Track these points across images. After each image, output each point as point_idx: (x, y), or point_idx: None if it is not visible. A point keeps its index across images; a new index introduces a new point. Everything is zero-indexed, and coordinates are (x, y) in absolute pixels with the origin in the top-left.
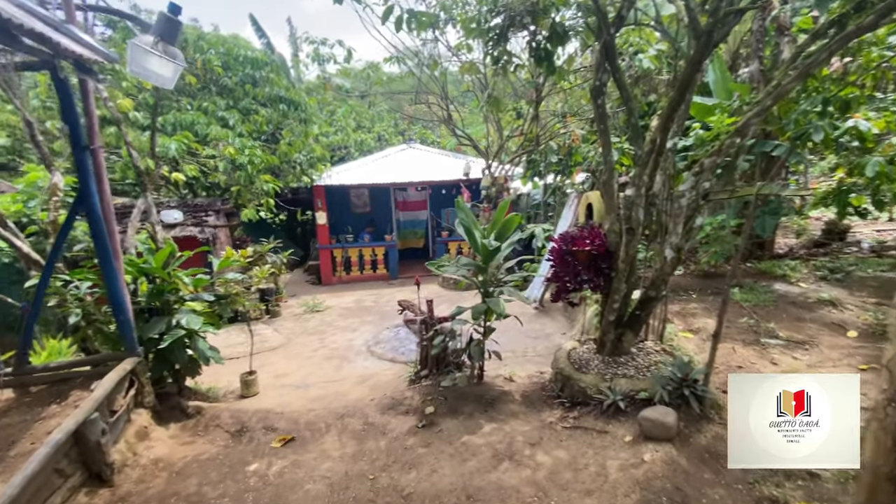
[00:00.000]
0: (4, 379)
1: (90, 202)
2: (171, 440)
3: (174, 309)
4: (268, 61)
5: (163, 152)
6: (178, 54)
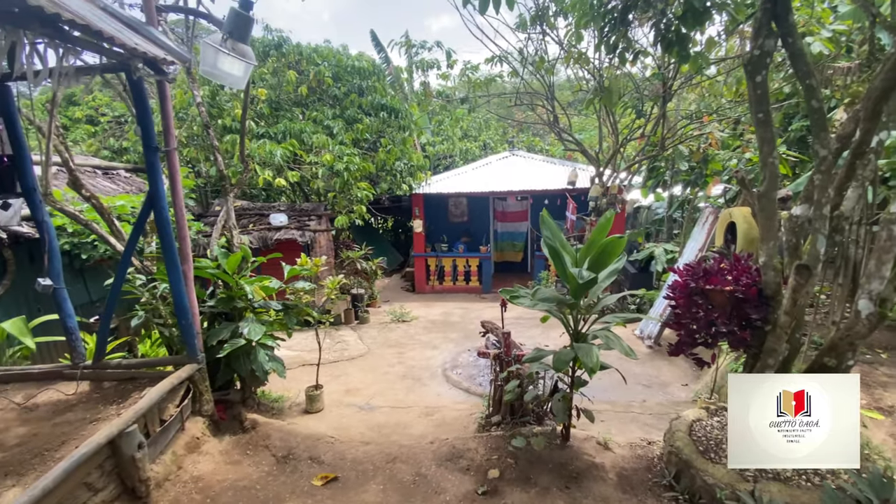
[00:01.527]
0: (83, 371)
1: (159, 204)
2: (220, 456)
3: (243, 316)
4: (374, 71)
5: (269, 159)
6: (248, 52)
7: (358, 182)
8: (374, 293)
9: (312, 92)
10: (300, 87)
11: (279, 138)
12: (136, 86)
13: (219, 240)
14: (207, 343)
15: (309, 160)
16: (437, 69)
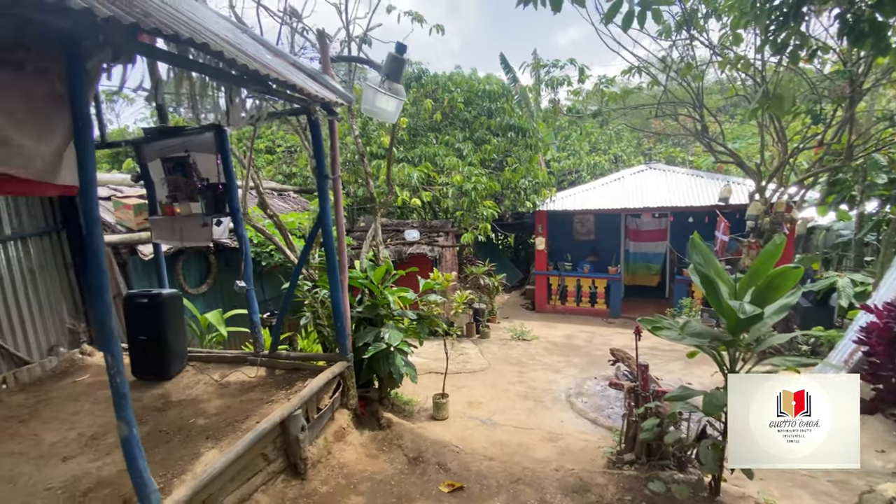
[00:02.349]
0: (262, 359)
1: (325, 222)
2: (361, 448)
3: (384, 322)
4: (503, 93)
5: (407, 181)
6: (400, 90)
7: (484, 200)
8: (494, 309)
9: (445, 117)
10: (435, 113)
11: (416, 162)
12: (314, 125)
13: (367, 253)
14: (354, 344)
15: (440, 181)
16: (567, 85)
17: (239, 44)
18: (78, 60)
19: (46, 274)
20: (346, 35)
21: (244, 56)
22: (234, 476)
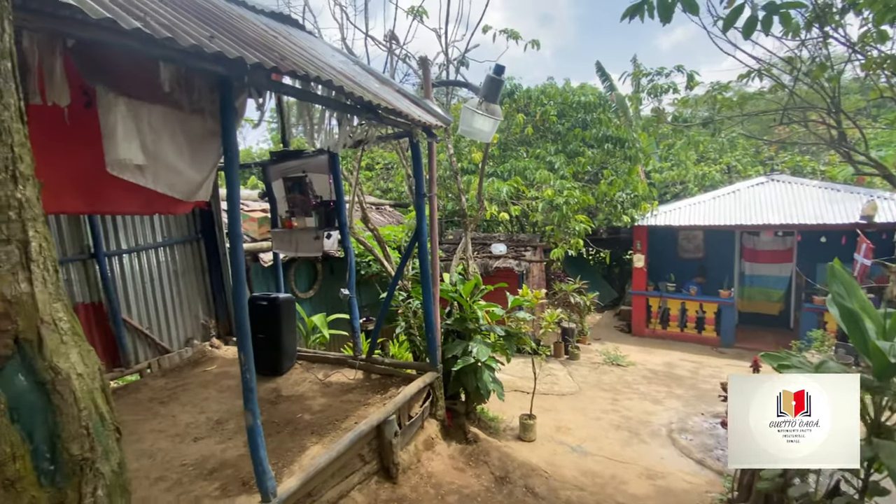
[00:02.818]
0: (360, 362)
1: (422, 238)
2: (448, 460)
3: (472, 336)
4: (599, 103)
5: (495, 195)
6: (497, 110)
7: (576, 215)
8: (584, 329)
9: (537, 130)
10: (526, 127)
11: (505, 176)
12: (415, 147)
13: (456, 266)
14: (444, 356)
15: (530, 194)
16: (673, 92)
17: (352, 75)
18: (228, 99)
19: (187, 276)
20: (445, 58)
21: (359, 88)
22: (335, 472)
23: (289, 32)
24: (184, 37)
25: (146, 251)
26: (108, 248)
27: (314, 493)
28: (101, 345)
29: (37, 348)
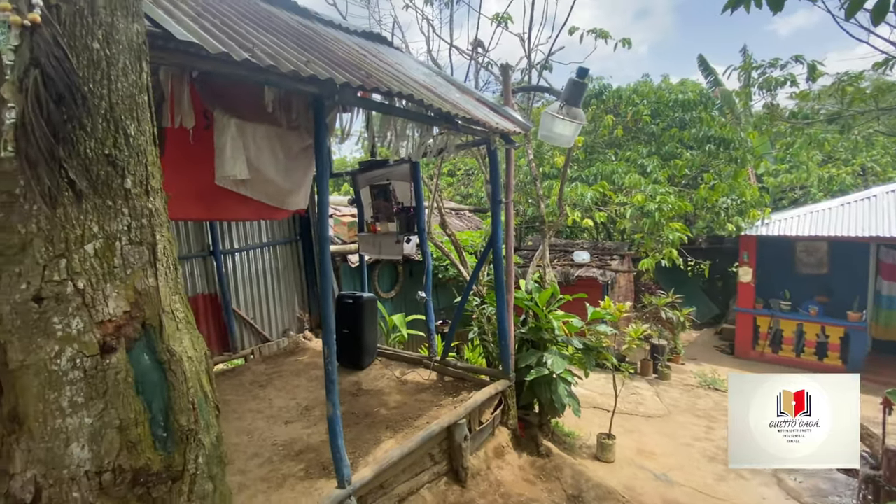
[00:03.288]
0: (434, 364)
1: (497, 245)
2: (519, 471)
3: (547, 347)
4: (700, 100)
5: (580, 201)
6: (579, 114)
7: (670, 222)
8: (678, 347)
9: (627, 132)
10: (615, 129)
11: (590, 181)
12: (492, 154)
13: (533, 274)
14: (517, 364)
15: (617, 200)
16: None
17: (434, 87)
18: (321, 116)
19: (286, 273)
20: (528, 63)
21: (438, 99)
22: (406, 468)
23: (378, 50)
24: (284, 63)
25: (253, 250)
26: (223, 247)
27: (386, 486)
28: (214, 331)
29: (158, 333)
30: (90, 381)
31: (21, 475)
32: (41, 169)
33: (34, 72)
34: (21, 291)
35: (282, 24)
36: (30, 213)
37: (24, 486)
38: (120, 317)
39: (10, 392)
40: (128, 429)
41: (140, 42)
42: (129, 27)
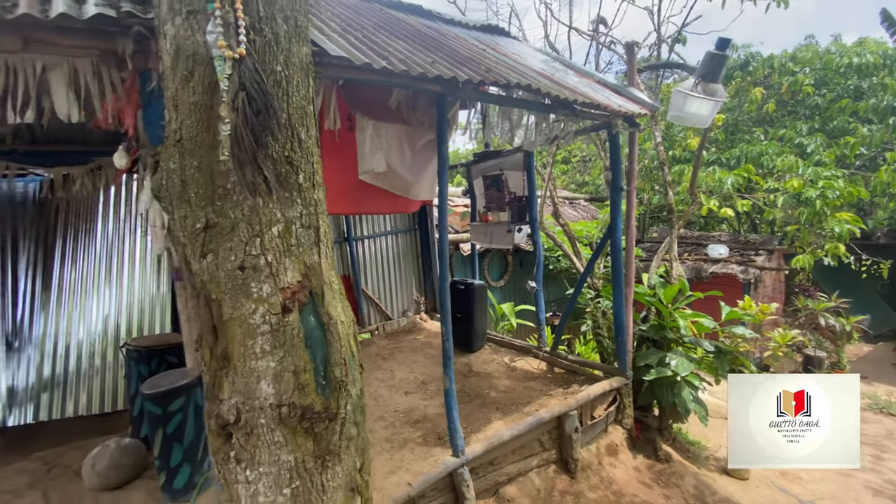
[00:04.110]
0: (544, 354)
1: (615, 235)
2: (633, 472)
3: (671, 347)
4: (881, 64)
5: (717, 187)
6: (717, 90)
7: (836, 212)
8: (840, 361)
9: (781, 106)
10: (766, 103)
11: (731, 164)
12: (613, 138)
13: (657, 268)
14: (635, 363)
15: (766, 186)
16: None
17: (551, 74)
18: (443, 112)
19: (406, 259)
20: (657, 38)
21: (556, 86)
22: (515, 450)
23: (496, 42)
24: (414, 67)
25: (379, 238)
26: (355, 235)
27: (495, 463)
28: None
29: (321, 300)
30: (275, 333)
31: (227, 401)
32: (246, 168)
33: (241, 94)
34: (231, 262)
35: (409, 30)
36: (237, 203)
37: (229, 410)
38: (294, 285)
39: (222, 337)
40: (299, 374)
41: (307, 62)
42: (301, 50)
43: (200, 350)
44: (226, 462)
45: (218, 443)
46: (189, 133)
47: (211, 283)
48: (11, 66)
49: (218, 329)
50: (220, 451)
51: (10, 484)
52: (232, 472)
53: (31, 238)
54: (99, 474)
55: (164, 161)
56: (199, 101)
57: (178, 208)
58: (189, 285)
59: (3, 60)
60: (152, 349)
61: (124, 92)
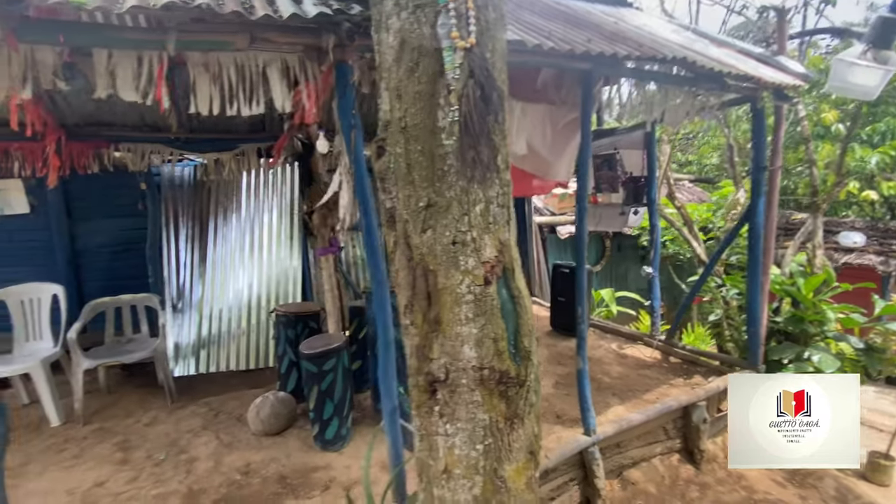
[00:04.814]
0: (657, 343)
1: (755, 219)
2: (766, 470)
3: (810, 341)
4: None
5: (859, 167)
6: (890, 58)
7: None
8: None
9: None
10: None
11: (874, 142)
12: (758, 113)
13: (793, 255)
14: (766, 357)
15: None
16: None
17: (689, 44)
18: (589, 90)
19: None
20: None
21: (702, 57)
22: (640, 435)
23: (621, 14)
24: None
25: None
26: None
27: (622, 446)
28: None
29: (512, 274)
30: (477, 302)
31: (437, 360)
32: (466, 152)
33: (470, 81)
34: (446, 237)
35: (545, 7)
36: (451, 184)
37: (438, 368)
38: (492, 259)
39: (435, 304)
40: (498, 341)
41: (504, 47)
42: (502, 37)
43: (410, 314)
44: (429, 415)
45: (423, 398)
46: (413, 120)
47: (429, 256)
48: (240, 63)
49: (432, 296)
50: (425, 405)
51: (187, 425)
52: (434, 424)
53: (189, 216)
54: (262, 421)
55: (390, 146)
56: (424, 91)
57: (402, 189)
58: (403, 257)
59: (234, 58)
60: (298, 315)
61: (322, 84)
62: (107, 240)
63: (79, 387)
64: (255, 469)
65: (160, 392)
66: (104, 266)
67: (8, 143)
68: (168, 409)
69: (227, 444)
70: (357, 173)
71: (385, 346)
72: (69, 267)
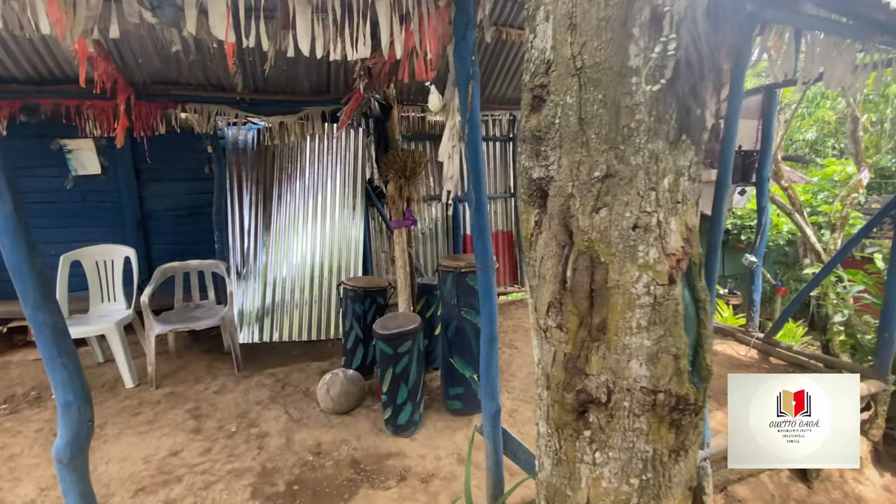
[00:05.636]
0: (755, 341)
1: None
2: (884, 491)
3: None
4: None
5: None
6: None
7: None
8: None
9: None
10: None
11: None
12: None
13: None
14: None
15: None
16: None
17: None
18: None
19: None
20: None
21: None
22: None
23: None
24: None
25: None
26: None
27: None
28: (508, 263)
29: (697, 271)
30: (656, 307)
31: (596, 377)
32: (678, 102)
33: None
34: (626, 219)
35: None
36: (639, 147)
37: (598, 387)
38: (678, 252)
39: (601, 306)
40: (679, 358)
41: None
42: None
43: (558, 315)
44: (573, 439)
45: (568, 418)
46: (593, 59)
47: (600, 243)
48: None
49: (595, 296)
50: (569, 426)
51: (255, 396)
52: (578, 450)
53: (252, 181)
54: (332, 399)
55: (557, 95)
56: (611, 16)
57: (569, 153)
58: (554, 243)
59: None
60: (366, 290)
61: (438, 22)
62: (173, 203)
63: (151, 351)
64: (327, 450)
65: (226, 358)
66: (170, 230)
67: (80, 100)
68: (235, 378)
69: (297, 420)
70: (471, 135)
71: (489, 341)
72: (138, 229)
